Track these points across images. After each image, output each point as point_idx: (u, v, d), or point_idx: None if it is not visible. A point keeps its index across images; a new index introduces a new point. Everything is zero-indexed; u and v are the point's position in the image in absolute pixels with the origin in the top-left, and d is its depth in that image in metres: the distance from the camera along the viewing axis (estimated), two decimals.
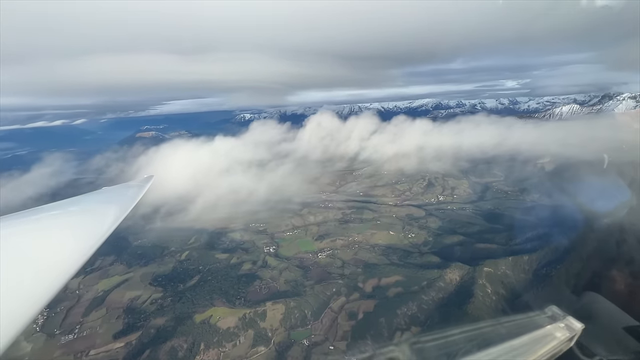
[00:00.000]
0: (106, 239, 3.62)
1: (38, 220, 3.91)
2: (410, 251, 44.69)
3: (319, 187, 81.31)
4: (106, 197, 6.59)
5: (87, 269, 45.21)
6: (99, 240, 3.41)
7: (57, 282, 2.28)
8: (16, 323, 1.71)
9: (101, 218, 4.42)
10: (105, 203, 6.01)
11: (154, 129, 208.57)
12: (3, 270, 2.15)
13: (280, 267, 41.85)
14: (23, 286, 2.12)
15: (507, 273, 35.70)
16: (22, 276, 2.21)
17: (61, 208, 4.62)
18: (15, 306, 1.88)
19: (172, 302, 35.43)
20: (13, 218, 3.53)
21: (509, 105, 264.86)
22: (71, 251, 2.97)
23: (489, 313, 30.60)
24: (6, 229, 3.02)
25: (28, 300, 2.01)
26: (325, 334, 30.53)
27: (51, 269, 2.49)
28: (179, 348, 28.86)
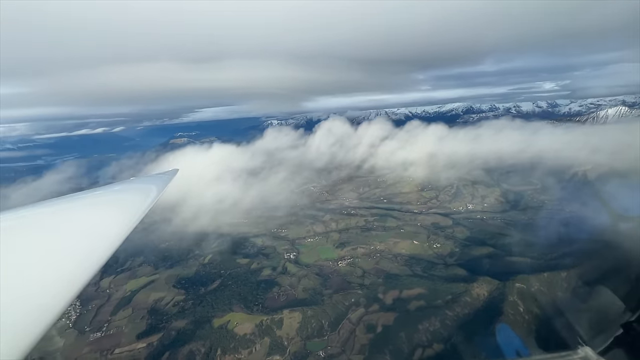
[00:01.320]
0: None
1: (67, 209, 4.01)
2: (435, 262, 42.69)
3: (342, 193, 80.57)
4: (134, 186, 6.71)
5: (117, 269, 47.72)
6: (128, 228, 3.29)
7: (85, 273, 2.17)
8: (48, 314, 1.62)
9: (129, 206, 4.35)
10: (134, 192, 6.10)
11: (187, 136, 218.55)
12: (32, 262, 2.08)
13: (300, 275, 41.52)
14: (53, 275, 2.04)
15: (542, 290, 32.89)
16: (50, 266, 2.11)
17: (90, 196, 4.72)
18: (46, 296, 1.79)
19: (193, 305, 36.18)
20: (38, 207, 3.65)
21: (547, 108, 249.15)
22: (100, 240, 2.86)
23: (520, 333, 28.24)
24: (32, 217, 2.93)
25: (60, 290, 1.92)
26: (342, 347, 29.64)
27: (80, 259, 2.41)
28: (197, 352, 29.23)
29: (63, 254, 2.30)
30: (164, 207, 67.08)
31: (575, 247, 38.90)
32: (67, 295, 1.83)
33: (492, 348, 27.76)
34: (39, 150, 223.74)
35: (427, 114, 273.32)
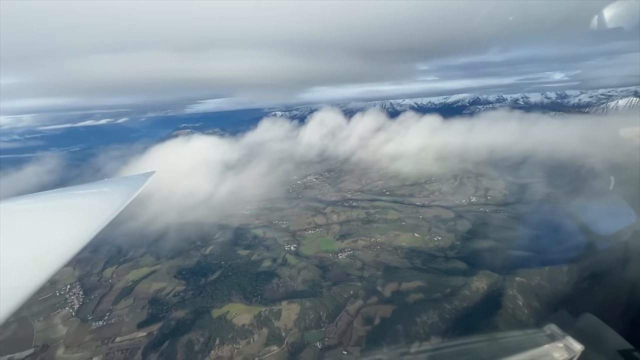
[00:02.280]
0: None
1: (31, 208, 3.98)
2: (435, 255, 42.45)
3: (344, 185, 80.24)
4: (105, 188, 6.49)
5: (120, 259, 48.37)
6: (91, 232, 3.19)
7: (43, 273, 2.18)
8: None
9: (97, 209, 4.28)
10: (104, 194, 5.91)
11: (191, 127, 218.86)
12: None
13: (300, 266, 41.62)
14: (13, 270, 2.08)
15: (543, 284, 32.54)
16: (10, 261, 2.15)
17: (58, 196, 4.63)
18: None
19: (193, 296, 36.57)
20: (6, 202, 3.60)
21: (556, 99, 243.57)
22: (59, 241, 2.81)
23: (519, 327, 28.02)
24: None
25: (13, 289, 1.93)
26: (340, 338, 29.76)
27: (37, 259, 2.40)
28: (196, 342, 29.58)
29: (3, 264, 2.14)
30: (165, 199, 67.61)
31: (580, 241, 38.22)
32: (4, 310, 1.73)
33: None
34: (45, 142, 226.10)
35: (433, 105, 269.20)
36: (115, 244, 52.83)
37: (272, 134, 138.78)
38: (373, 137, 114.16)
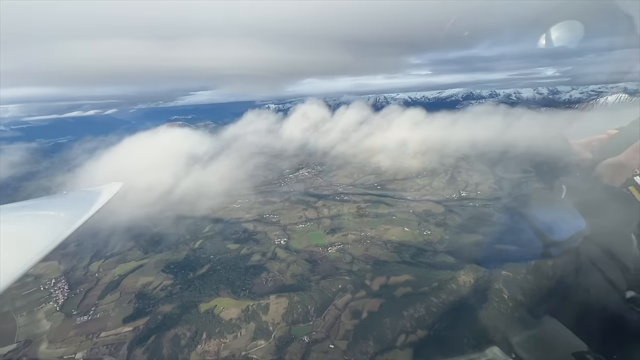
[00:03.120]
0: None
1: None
2: (424, 249, 42.69)
3: (336, 179, 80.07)
4: (60, 203, 6.12)
5: (107, 253, 47.66)
6: (40, 250, 3.05)
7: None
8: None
9: (49, 225, 4.17)
10: (58, 209, 5.52)
11: (183, 119, 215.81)
12: None
13: (289, 260, 41.53)
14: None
15: (528, 278, 32.93)
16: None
17: (7, 212, 4.37)
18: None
19: (180, 290, 36.26)
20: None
21: (548, 95, 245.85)
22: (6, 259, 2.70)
23: (503, 320, 28.43)
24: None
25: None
26: (327, 332, 29.84)
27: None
28: (182, 336, 29.39)
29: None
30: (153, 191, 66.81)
31: (566, 235, 38.71)
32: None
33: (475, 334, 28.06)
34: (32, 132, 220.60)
35: (426, 99, 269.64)
36: (102, 238, 51.99)
37: (254, 126, 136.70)
38: (360, 130, 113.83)
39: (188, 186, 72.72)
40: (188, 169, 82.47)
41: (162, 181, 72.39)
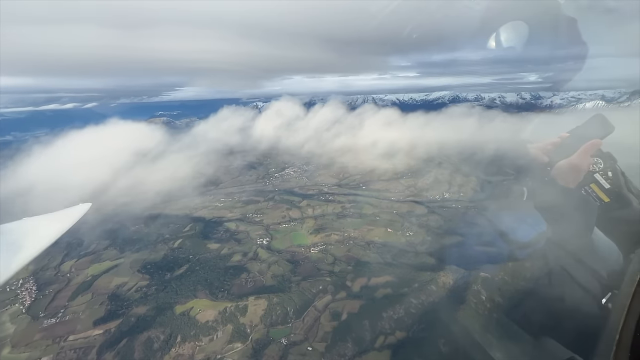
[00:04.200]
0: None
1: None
2: (406, 250, 42.83)
3: (322, 179, 79.76)
4: (19, 231, 5.76)
5: (81, 252, 45.79)
6: None
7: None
8: None
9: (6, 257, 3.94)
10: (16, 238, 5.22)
11: (168, 115, 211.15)
12: None
13: (270, 261, 40.90)
14: None
15: (506, 280, 33.40)
16: None
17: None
18: None
19: (156, 291, 35.10)
20: None
21: (530, 100, 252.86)
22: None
23: (479, 321, 28.68)
24: None
25: None
26: (306, 334, 29.42)
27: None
28: (156, 339, 28.40)
29: None
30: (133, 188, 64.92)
31: (527, 237, 39.63)
32: None
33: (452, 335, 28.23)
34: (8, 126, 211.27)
35: (414, 101, 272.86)
36: (77, 236, 49.99)
37: (227, 123, 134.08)
38: (346, 130, 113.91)
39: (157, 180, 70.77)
40: (148, 165, 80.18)
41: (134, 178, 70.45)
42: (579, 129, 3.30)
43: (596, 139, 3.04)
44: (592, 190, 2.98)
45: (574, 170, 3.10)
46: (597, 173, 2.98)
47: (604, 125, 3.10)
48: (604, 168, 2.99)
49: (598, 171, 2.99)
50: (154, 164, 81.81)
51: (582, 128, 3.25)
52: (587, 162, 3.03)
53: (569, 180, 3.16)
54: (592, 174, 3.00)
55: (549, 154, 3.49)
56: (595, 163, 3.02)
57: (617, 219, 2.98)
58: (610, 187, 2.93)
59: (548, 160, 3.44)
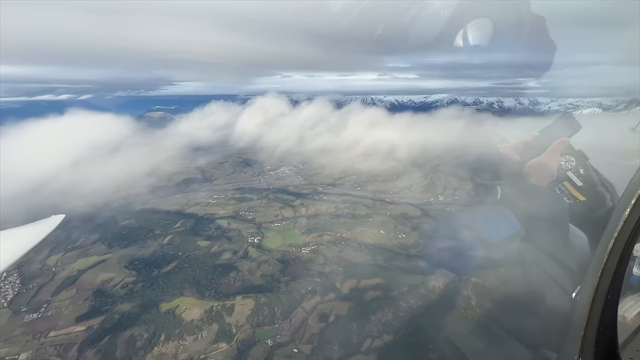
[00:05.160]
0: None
1: None
2: (398, 253, 42.51)
3: (317, 178, 79.31)
4: None
5: (68, 246, 44.98)
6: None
7: None
8: None
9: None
10: None
11: (165, 109, 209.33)
12: None
13: (260, 260, 40.42)
14: None
15: (497, 285, 33.09)
16: None
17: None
18: None
19: (142, 288, 34.49)
20: None
21: (528, 105, 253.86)
22: None
23: (468, 327, 28.38)
24: None
25: None
26: (292, 335, 29.00)
27: None
28: (139, 337, 27.85)
29: None
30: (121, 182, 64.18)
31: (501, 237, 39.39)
32: None
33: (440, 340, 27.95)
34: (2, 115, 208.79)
35: (413, 103, 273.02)
36: (66, 229, 49.17)
37: (211, 119, 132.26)
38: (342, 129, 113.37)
39: None
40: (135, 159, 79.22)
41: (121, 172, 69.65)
42: (548, 128, 3.34)
43: (564, 137, 3.09)
44: (566, 188, 3.04)
45: (545, 168, 3.16)
46: (569, 171, 3.04)
47: (572, 124, 3.13)
48: (576, 166, 3.04)
49: (570, 169, 3.04)
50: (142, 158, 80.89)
51: (552, 127, 3.30)
52: (557, 160, 3.09)
53: (540, 179, 3.22)
54: (564, 172, 3.05)
55: (520, 153, 3.53)
56: (567, 161, 3.08)
57: (590, 215, 3.03)
58: (582, 185, 2.99)
59: (520, 159, 3.48)
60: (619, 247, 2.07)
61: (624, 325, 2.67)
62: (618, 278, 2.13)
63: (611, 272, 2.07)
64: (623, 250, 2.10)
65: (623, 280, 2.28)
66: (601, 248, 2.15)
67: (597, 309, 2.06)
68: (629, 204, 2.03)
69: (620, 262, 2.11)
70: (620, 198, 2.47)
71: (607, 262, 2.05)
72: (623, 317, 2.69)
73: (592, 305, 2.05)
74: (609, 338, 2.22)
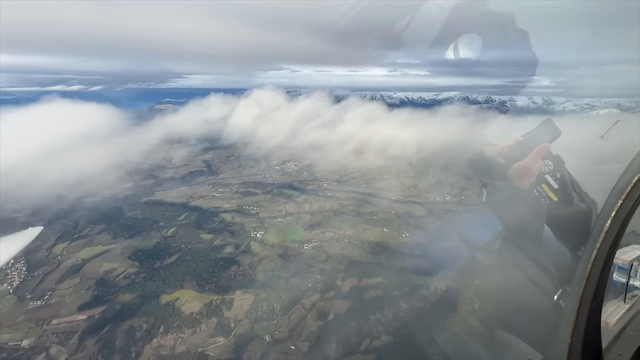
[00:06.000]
0: None
1: None
2: (401, 252, 41.90)
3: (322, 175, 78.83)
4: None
5: (74, 235, 45.67)
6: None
7: None
8: None
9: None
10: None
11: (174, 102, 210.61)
12: None
13: (262, 255, 40.34)
14: None
15: (500, 288, 32.37)
16: None
17: None
18: None
19: (144, 279, 34.79)
20: None
21: (542, 105, 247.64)
22: None
23: (470, 331, 27.84)
24: None
25: None
26: (290, 332, 28.86)
27: None
28: (138, 328, 28.08)
29: None
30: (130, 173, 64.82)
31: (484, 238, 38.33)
32: None
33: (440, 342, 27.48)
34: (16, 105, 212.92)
35: (423, 100, 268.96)
36: (73, 218, 50.02)
37: (218, 112, 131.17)
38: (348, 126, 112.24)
39: None
40: None
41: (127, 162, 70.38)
42: (531, 133, 3.47)
43: (545, 143, 3.26)
44: (543, 190, 3.23)
45: (527, 171, 3.34)
46: (547, 174, 3.24)
47: (552, 130, 3.29)
48: (553, 170, 3.24)
49: (548, 172, 3.24)
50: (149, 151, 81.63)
51: (534, 132, 3.44)
52: (538, 164, 3.28)
53: (522, 181, 3.39)
54: (543, 175, 3.26)
55: (504, 156, 3.66)
56: (546, 165, 3.27)
57: (564, 216, 3.25)
58: (558, 187, 3.19)
59: (504, 162, 3.64)
60: (601, 258, 2.17)
61: (607, 331, 2.76)
62: (601, 287, 2.23)
63: (594, 282, 2.17)
64: (605, 261, 2.19)
65: (605, 288, 2.38)
66: (584, 259, 2.24)
67: (582, 318, 2.16)
68: (609, 216, 2.14)
69: (603, 271, 2.20)
70: (601, 211, 2.58)
71: (591, 273, 2.14)
72: (606, 323, 2.80)
73: (578, 314, 2.15)
74: (594, 344, 2.32)
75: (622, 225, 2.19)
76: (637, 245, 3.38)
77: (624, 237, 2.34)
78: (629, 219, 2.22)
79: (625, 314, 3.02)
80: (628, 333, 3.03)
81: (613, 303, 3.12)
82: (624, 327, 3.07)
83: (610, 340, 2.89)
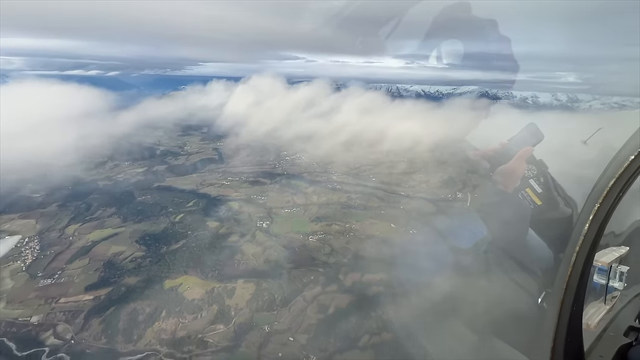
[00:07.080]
0: None
1: None
2: (407, 249, 41.17)
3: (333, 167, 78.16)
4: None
5: (87, 217, 46.91)
6: None
7: None
8: None
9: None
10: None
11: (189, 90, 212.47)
12: None
13: (267, 245, 40.45)
14: None
15: (484, 290, 31.42)
16: None
17: None
18: None
19: (150, 263, 35.45)
20: None
21: (566, 102, 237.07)
22: None
23: (474, 330, 27.15)
24: None
25: None
26: (290, 324, 28.89)
27: None
28: (141, 311, 28.69)
29: None
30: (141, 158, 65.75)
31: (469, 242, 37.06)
32: None
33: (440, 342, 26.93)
34: None
35: (440, 94, 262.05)
36: (86, 201, 51.37)
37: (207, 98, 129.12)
38: (366, 119, 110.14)
39: None
40: None
41: None
42: (515, 137, 3.43)
43: (528, 147, 3.28)
44: (527, 194, 3.26)
45: (511, 175, 3.34)
46: (531, 178, 3.25)
47: (535, 134, 3.29)
48: (537, 174, 3.26)
49: (532, 177, 3.26)
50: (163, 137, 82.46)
51: (518, 136, 3.41)
52: (522, 168, 3.28)
53: (507, 185, 3.40)
54: (527, 179, 3.27)
55: (490, 159, 3.64)
56: (530, 169, 3.28)
57: (547, 220, 3.25)
58: (542, 191, 3.21)
59: (489, 165, 3.63)
60: (581, 261, 2.20)
61: (589, 332, 2.81)
62: (581, 289, 2.27)
63: (575, 284, 2.22)
64: (584, 264, 2.23)
65: (586, 290, 2.42)
66: (565, 262, 2.28)
67: (564, 320, 2.20)
68: (587, 219, 2.18)
69: (583, 274, 2.24)
70: (579, 214, 2.58)
71: (571, 276, 2.19)
72: (587, 325, 2.82)
73: (560, 317, 2.19)
74: (576, 346, 2.39)
75: (600, 228, 2.23)
76: (616, 247, 3.51)
77: (602, 239, 2.39)
78: (606, 222, 2.26)
79: (605, 315, 3.07)
80: (609, 334, 3.13)
81: (594, 305, 3.17)
82: (604, 328, 3.16)
83: (592, 341, 2.97)
